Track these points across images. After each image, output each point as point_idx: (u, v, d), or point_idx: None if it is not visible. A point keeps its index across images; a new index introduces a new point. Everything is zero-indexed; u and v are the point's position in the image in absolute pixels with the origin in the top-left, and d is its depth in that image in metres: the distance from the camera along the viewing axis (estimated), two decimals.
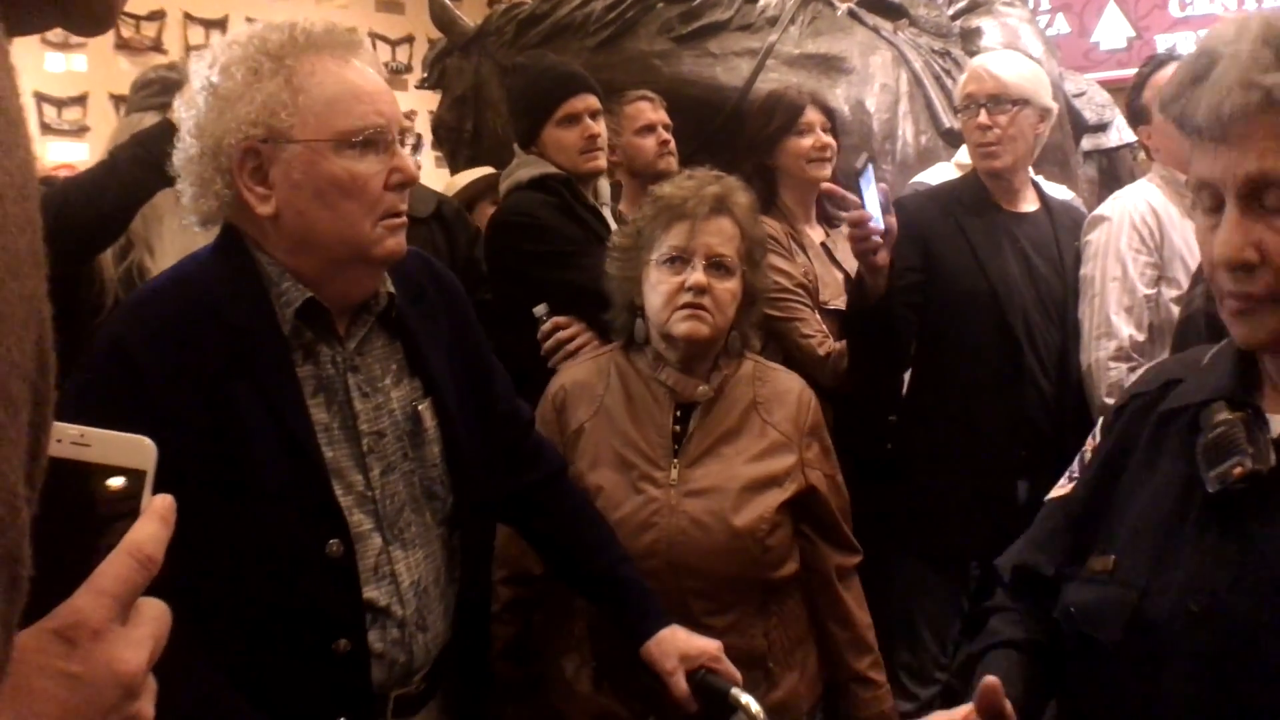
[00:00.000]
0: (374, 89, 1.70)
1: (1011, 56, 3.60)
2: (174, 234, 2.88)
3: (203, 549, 1.50)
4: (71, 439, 0.81)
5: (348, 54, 1.70)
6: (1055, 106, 3.40)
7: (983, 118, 3.26)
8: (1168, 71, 3.32)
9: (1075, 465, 1.66)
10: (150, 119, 3.05)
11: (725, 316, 2.35)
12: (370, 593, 1.71)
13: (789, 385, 2.48)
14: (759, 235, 2.45)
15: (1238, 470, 1.32)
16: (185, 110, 1.70)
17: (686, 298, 2.30)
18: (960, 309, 3.24)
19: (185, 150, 1.69)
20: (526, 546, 2.27)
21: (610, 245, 2.52)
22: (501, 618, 2.43)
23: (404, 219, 1.73)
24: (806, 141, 3.41)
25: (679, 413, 2.38)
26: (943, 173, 3.89)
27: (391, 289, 1.80)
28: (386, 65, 8.87)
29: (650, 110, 3.79)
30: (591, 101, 3.34)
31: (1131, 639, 1.42)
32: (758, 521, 2.28)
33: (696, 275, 2.30)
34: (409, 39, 8.94)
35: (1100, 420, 1.66)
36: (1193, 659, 1.34)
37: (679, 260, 2.34)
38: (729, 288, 2.35)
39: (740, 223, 2.38)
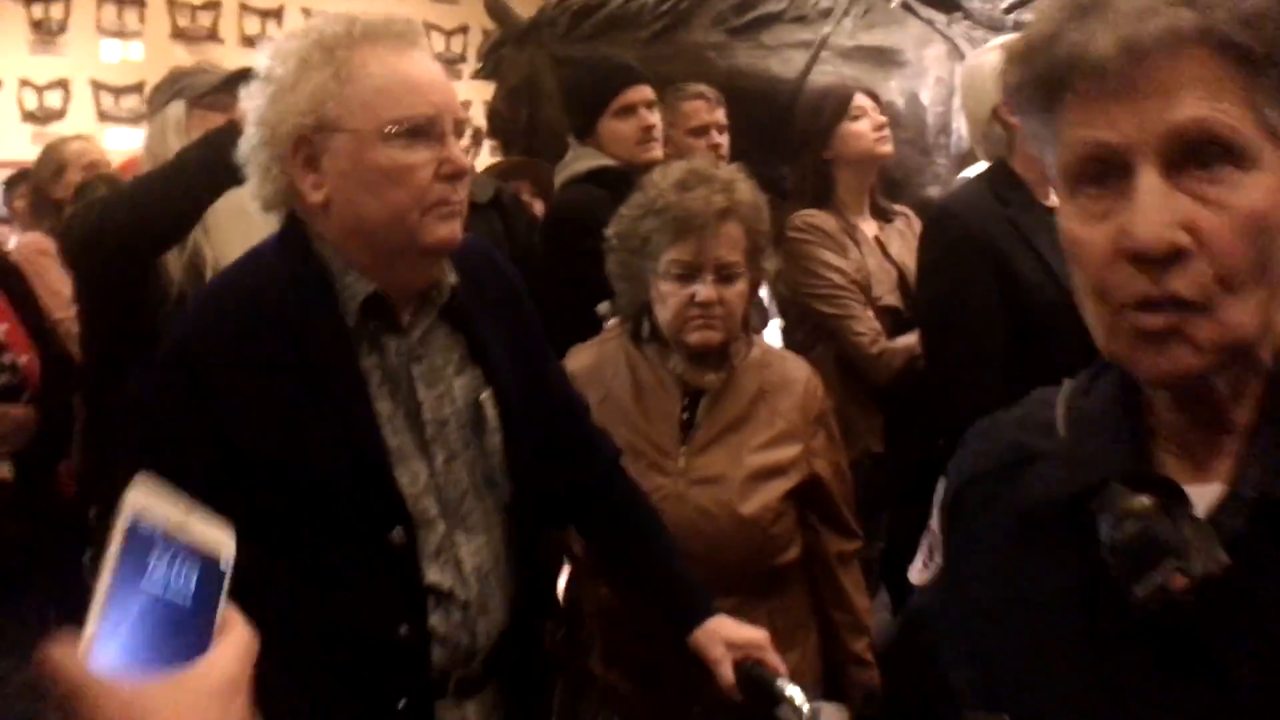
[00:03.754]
0: (427, 80, 1.71)
1: None
2: (229, 215, 2.92)
3: (269, 540, 1.58)
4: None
5: (404, 45, 1.72)
6: None
7: None
8: None
9: (925, 544, 1.29)
10: (174, 108, 3.14)
11: (736, 320, 2.36)
12: (433, 576, 1.75)
13: (795, 374, 2.48)
14: (762, 226, 2.41)
15: (1178, 580, 0.92)
16: (248, 100, 1.73)
17: (697, 310, 2.31)
18: (1041, 326, 2.90)
19: (248, 138, 1.73)
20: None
21: (608, 239, 2.50)
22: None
23: (457, 208, 1.73)
24: (864, 124, 3.42)
25: (687, 401, 2.39)
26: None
27: (454, 280, 1.83)
28: (440, 55, 8.94)
29: (705, 110, 3.79)
30: (647, 93, 3.39)
31: None
32: (763, 510, 2.31)
33: (707, 291, 2.30)
34: (463, 29, 9.02)
35: (939, 494, 1.25)
36: None
37: (686, 276, 2.33)
38: (738, 291, 2.35)
39: (745, 223, 2.36)
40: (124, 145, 7.32)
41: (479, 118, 6.30)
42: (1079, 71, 0.93)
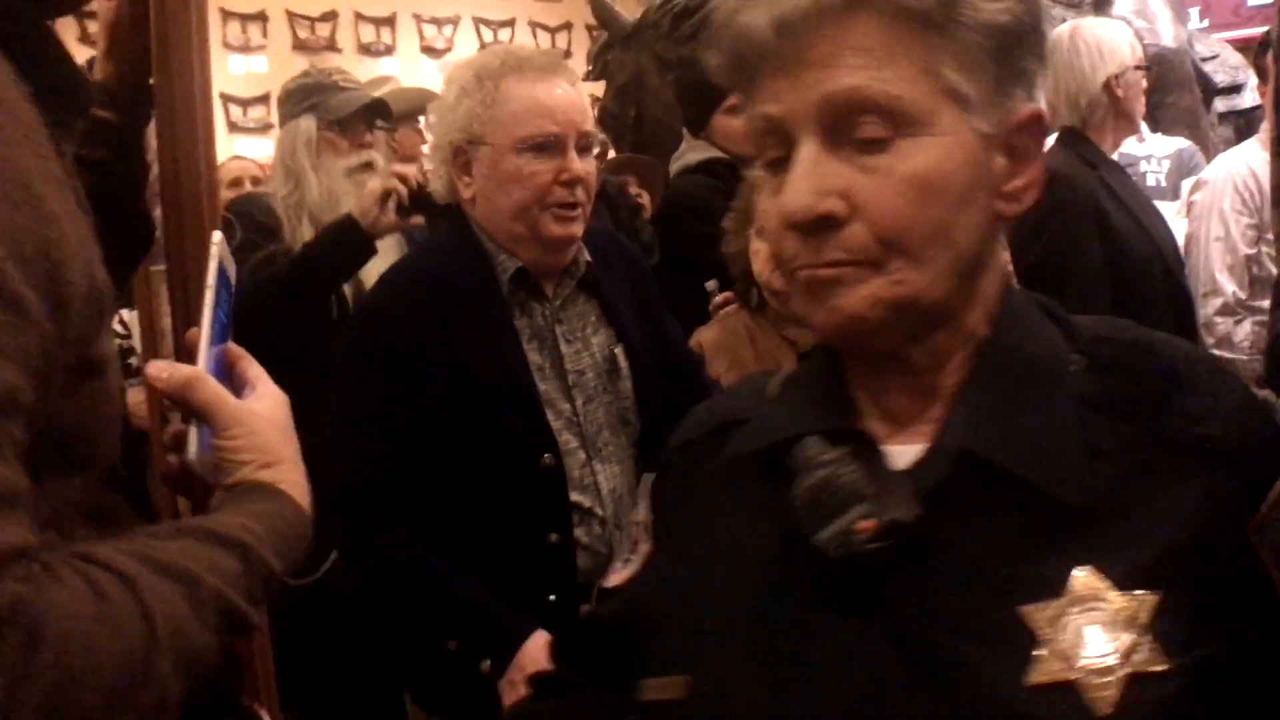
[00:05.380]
0: (555, 104, 2.13)
1: None
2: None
3: (445, 464, 2.02)
4: None
5: (544, 74, 2.16)
6: None
7: (1144, 83, 3.41)
8: None
9: (624, 541, 1.24)
10: (305, 123, 3.42)
11: None
12: (576, 497, 2.15)
13: None
14: None
15: (862, 525, 0.90)
16: (432, 116, 2.26)
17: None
18: (1137, 278, 3.18)
19: (430, 146, 2.26)
20: None
21: (725, 228, 2.85)
22: None
23: (577, 210, 2.15)
24: None
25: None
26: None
27: (589, 258, 2.25)
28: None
29: None
30: None
31: None
32: None
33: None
34: (567, 26, 9.37)
35: (649, 486, 1.24)
36: None
37: None
38: None
39: None
40: (254, 153, 7.75)
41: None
42: (749, 53, 0.93)
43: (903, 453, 0.96)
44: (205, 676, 0.93)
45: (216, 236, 1.23)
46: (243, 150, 8.02)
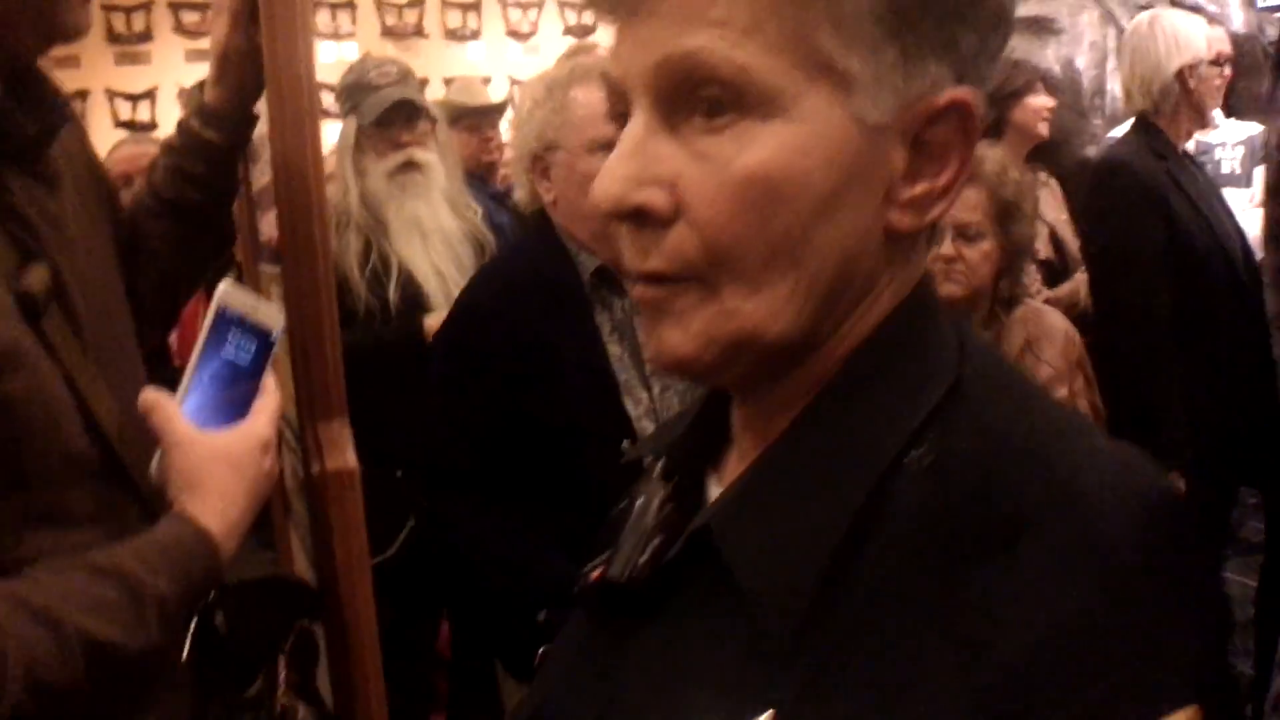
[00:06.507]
0: None
1: None
2: (397, 213, 3.30)
3: (530, 447, 2.20)
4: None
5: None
6: None
7: (1227, 72, 3.47)
8: None
9: None
10: (347, 127, 3.40)
11: (980, 276, 2.57)
12: None
13: (1055, 324, 2.73)
14: (1010, 194, 2.57)
15: (595, 574, 0.84)
16: (511, 130, 2.45)
17: (940, 266, 2.59)
18: (1197, 267, 3.24)
19: (512, 158, 2.43)
20: None
21: None
22: None
23: None
24: (1041, 100, 3.84)
25: None
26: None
27: None
28: None
29: None
30: None
31: None
32: None
33: (944, 248, 2.59)
34: None
35: None
36: None
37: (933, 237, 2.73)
38: (981, 250, 2.55)
39: (987, 186, 2.54)
40: None
41: None
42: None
43: None
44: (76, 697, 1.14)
45: (224, 285, 1.40)
46: (333, 136, 8.21)
